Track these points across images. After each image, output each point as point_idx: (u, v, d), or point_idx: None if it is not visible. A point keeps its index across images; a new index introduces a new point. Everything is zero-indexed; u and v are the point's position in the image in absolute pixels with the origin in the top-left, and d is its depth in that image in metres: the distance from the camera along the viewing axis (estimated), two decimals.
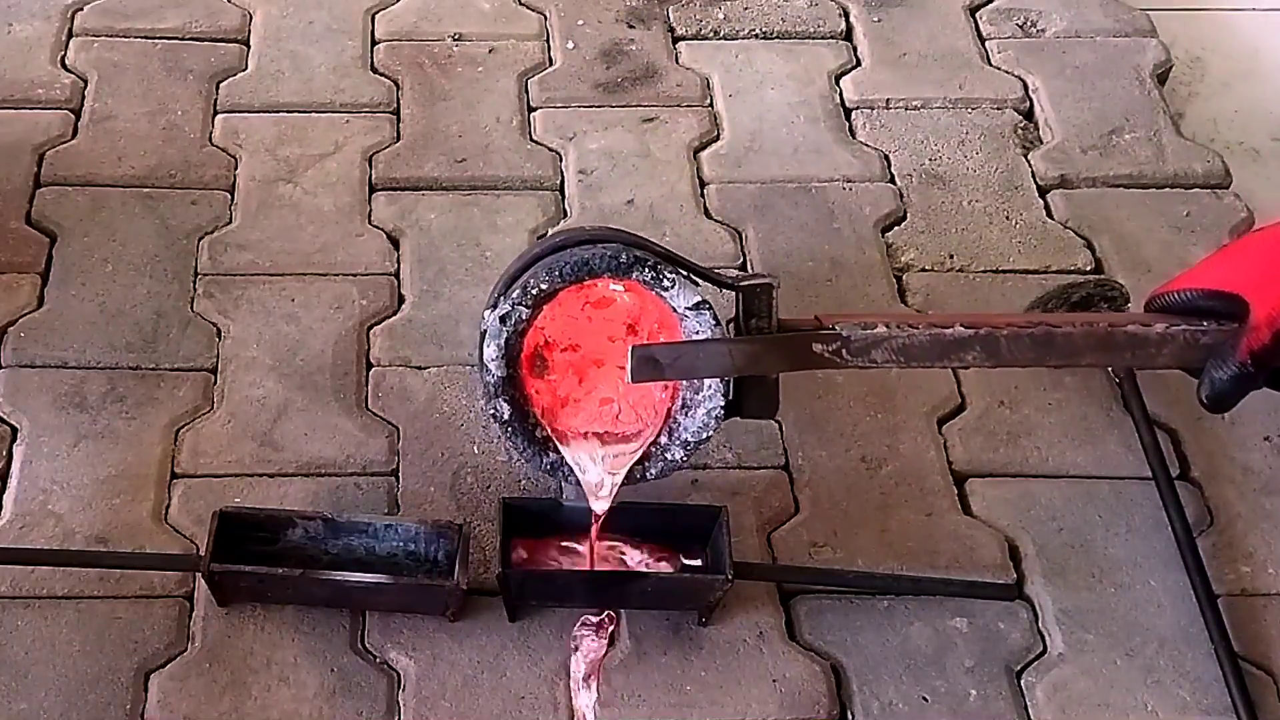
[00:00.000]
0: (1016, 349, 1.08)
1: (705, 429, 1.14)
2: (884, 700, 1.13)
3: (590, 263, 1.08)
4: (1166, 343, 1.07)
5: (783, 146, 1.56)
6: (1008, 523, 1.24)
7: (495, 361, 1.11)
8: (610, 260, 1.08)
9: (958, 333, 1.08)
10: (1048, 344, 1.08)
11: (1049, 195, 1.52)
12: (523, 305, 1.09)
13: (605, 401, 1.14)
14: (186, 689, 1.11)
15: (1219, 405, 1.07)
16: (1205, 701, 1.13)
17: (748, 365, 1.09)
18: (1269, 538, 1.23)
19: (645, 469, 1.16)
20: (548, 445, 1.15)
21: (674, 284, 1.09)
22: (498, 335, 1.10)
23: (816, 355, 1.08)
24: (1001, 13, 1.73)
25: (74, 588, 1.16)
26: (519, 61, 1.65)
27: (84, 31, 1.65)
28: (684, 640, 1.15)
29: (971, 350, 1.08)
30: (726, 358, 1.08)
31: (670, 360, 1.06)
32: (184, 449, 1.26)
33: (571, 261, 1.08)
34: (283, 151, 1.53)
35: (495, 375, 1.11)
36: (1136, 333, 1.08)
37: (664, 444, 1.15)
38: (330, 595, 1.14)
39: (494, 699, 1.11)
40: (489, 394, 1.13)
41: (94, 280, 1.39)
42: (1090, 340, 1.08)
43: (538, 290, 1.09)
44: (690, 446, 1.15)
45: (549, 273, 1.09)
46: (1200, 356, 1.07)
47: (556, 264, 1.09)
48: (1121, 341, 1.08)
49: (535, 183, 1.51)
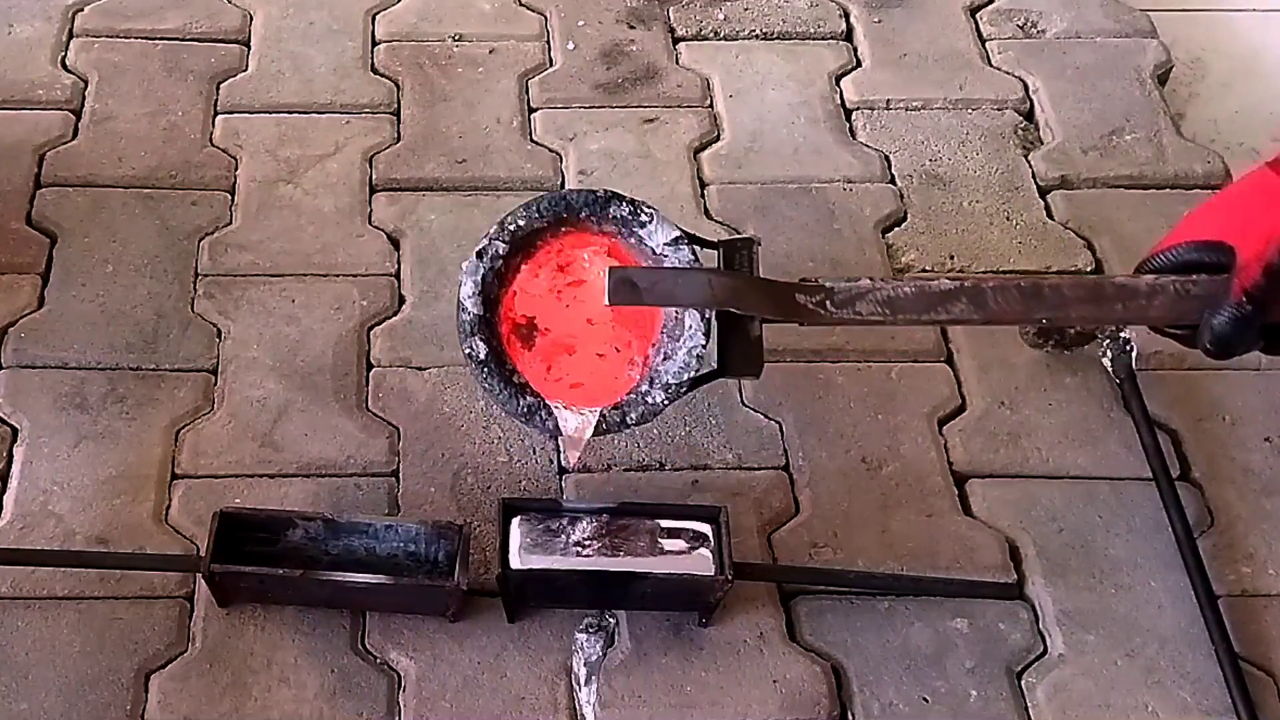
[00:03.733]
0: (1004, 300, 1.07)
1: (686, 369, 1.12)
2: (884, 701, 1.13)
3: (568, 198, 1.10)
4: (1157, 294, 1.06)
5: (783, 147, 1.56)
6: (1008, 523, 1.24)
7: (471, 299, 1.10)
8: (587, 195, 1.09)
9: (943, 285, 1.06)
10: (1036, 295, 1.06)
11: (1049, 196, 1.52)
12: (499, 240, 1.09)
13: (576, 386, 1.13)
14: (187, 689, 1.11)
15: (1223, 349, 1.06)
16: (1206, 702, 1.13)
17: (727, 299, 1.08)
18: (1269, 538, 1.23)
19: (625, 414, 1.14)
20: (525, 389, 1.13)
21: (651, 219, 1.10)
22: (474, 272, 1.10)
23: (800, 305, 1.07)
24: (1002, 13, 1.73)
25: (74, 588, 1.16)
26: (519, 62, 1.65)
27: (84, 32, 1.65)
28: (684, 641, 1.15)
29: (958, 302, 1.07)
30: (706, 287, 1.07)
31: (648, 285, 1.06)
32: (184, 449, 1.26)
33: (549, 199, 1.09)
34: (283, 152, 1.53)
35: (471, 313, 1.10)
36: (1125, 283, 1.06)
37: (645, 389, 1.14)
38: (330, 596, 1.14)
39: (494, 699, 1.11)
40: (464, 332, 1.11)
41: (94, 281, 1.39)
42: (1079, 291, 1.07)
43: (515, 226, 1.09)
44: (671, 389, 1.13)
45: (526, 209, 1.10)
46: (1193, 308, 1.06)
47: (534, 202, 1.11)
48: (1110, 292, 1.06)
49: (536, 183, 1.51)
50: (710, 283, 1.07)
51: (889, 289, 1.06)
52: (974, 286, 1.06)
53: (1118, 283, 1.07)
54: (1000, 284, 1.06)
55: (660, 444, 1.28)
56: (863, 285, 1.06)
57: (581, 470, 1.26)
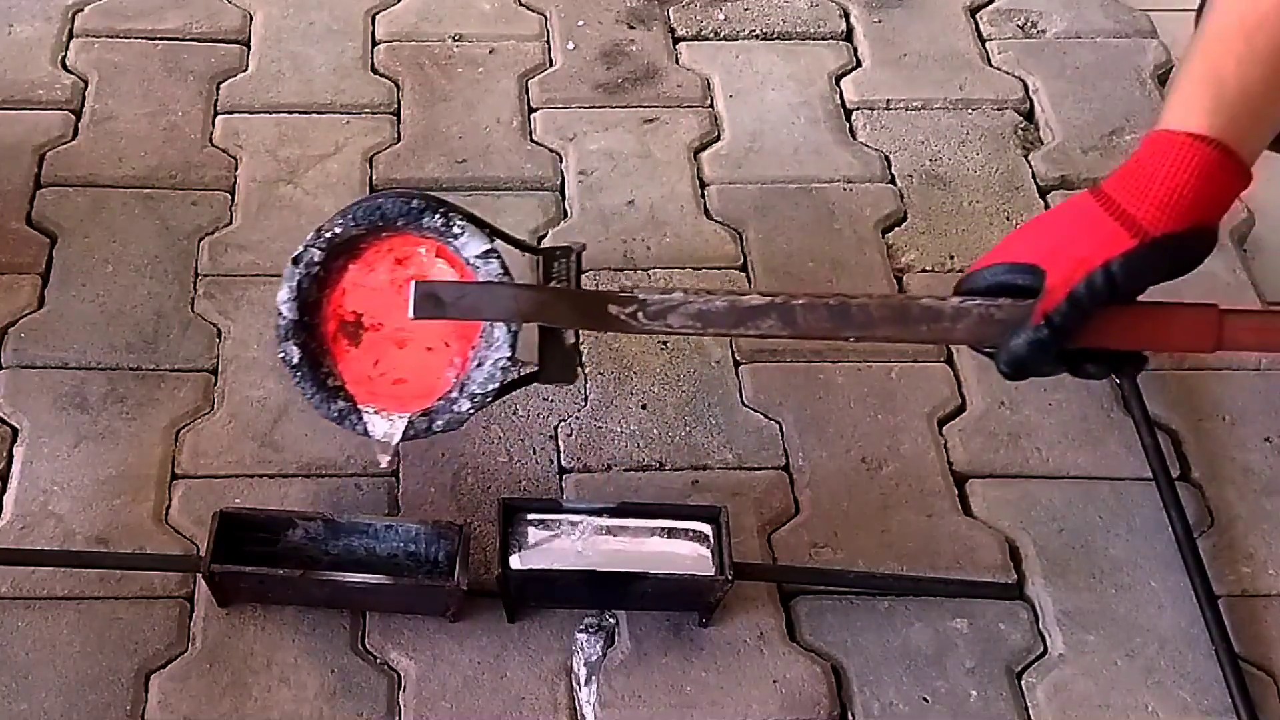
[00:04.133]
0: (812, 318, 1.08)
1: (492, 380, 1.14)
2: (884, 701, 1.13)
3: (383, 207, 1.10)
4: (961, 316, 1.07)
5: (783, 147, 1.56)
6: (1008, 523, 1.24)
7: (286, 304, 1.12)
8: (402, 204, 1.10)
9: (754, 300, 1.08)
10: (843, 314, 1.08)
11: (1049, 196, 1.52)
12: (315, 247, 1.10)
13: (399, 382, 1.13)
14: (187, 690, 1.11)
15: (1017, 371, 1.06)
16: (1206, 702, 1.13)
17: (533, 313, 1.09)
18: (1269, 539, 1.23)
19: (433, 420, 1.15)
20: (337, 393, 1.15)
21: (463, 231, 1.10)
22: (290, 278, 1.11)
23: (612, 316, 1.09)
24: (1002, 13, 1.73)
25: (74, 588, 1.16)
26: (519, 62, 1.65)
27: (84, 32, 1.65)
28: (684, 641, 1.15)
29: (768, 318, 1.08)
30: (511, 302, 1.08)
31: (453, 299, 1.06)
32: (184, 450, 1.26)
33: (365, 206, 1.10)
34: (283, 152, 1.53)
35: (286, 318, 1.12)
36: (931, 305, 1.08)
37: (454, 397, 1.15)
38: (331, 596, 1.14)
39: (494, 699, 1.11)
40: (278, 337, 1.13)
41: (94, 281, 1.39)
42: (885, 312, 1.08)
43: (331, 233, 1.10)
44: (477, 399, 1.14)
45: (343, 217, 1.11)
46: (996, 331, 1.07)
47: (351, 209, 1.11)
48: (916, 314, 1.08)
49: (536, 183, 1.51)
50: (515, 298, 1.09)
51: (700, 303, 1.09)
52: (784, 304, 1.08)
53: (924, 304, 1.08)
54: (809, 302, 1.08)
55: (660, 444, 1.28)
56: (674, 298, 1.09)
57: (582, 470, 1.26)
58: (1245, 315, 1.09)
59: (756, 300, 1.08)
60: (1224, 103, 1.00)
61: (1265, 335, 1.10)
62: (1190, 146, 1.00)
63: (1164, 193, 1.00)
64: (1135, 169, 1.02)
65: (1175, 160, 1.00)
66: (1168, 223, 1.00)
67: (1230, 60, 1.01)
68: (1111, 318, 1.03)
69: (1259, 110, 1.02)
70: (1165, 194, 1.00)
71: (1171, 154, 1.01)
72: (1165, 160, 1.01)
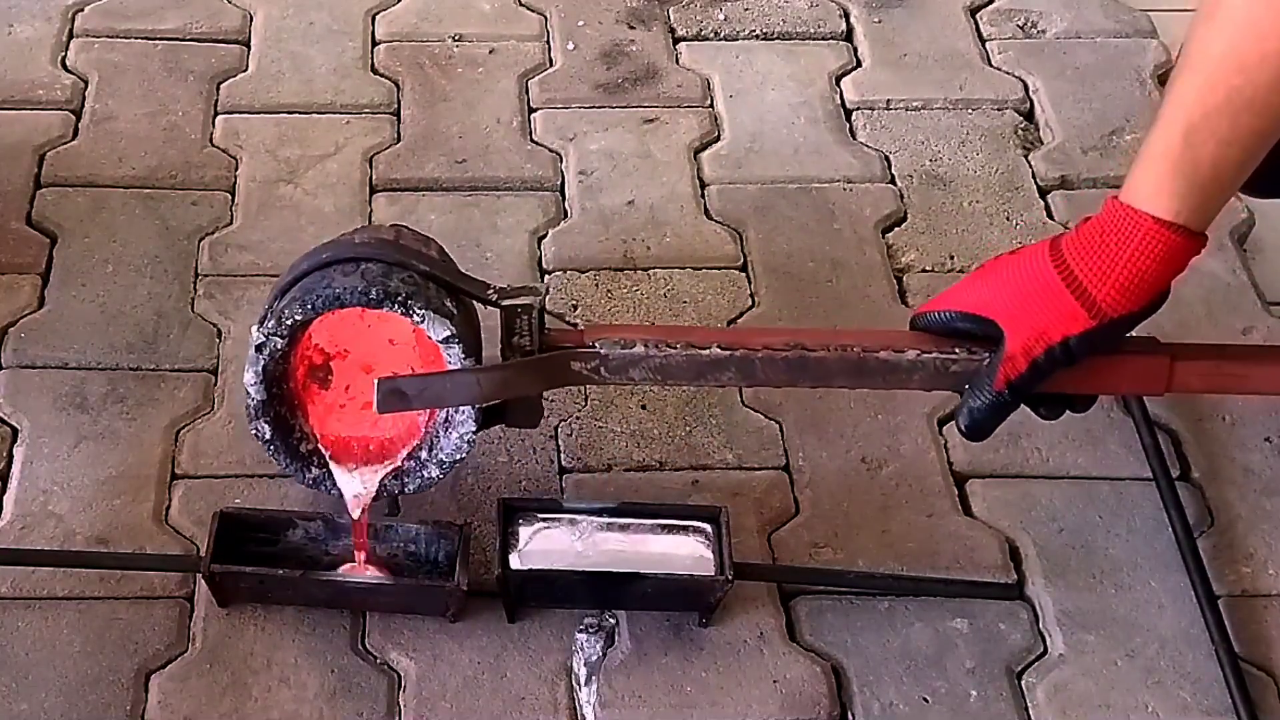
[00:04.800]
0: (771, 371, 1.12)
1: (459, 450, 1.15)
2: (884, 701, 1.12)
3: (341, 297, 1.10)
4: (917, 369, 1.11)
5: (783, 147, 1.56)
6: (1008, 524, 1.24)
7: (255, 386, 1.13)
8: (360, 295, 1.10)
9: (714, 354, 1.11)
10: (801, 367, 1.12)
11: (1049, 196, 1.52)
12: (277, 336, 1.11)
13: (367, 406, 1.13)
14: (187, 690, 1.11)
15: (977, 434, 1.12)
16: (1206, 702, 1.12)
17: (498, 391, 1.12)
18: (1269, 539, 1.23)
19: (405, 483, 1.17)
20: (311, 460, 1.16)
21: (423, 319, 1.10)
22: (255, 363, 1.12)
23: (575, 372, 1.12)
24: (1002, 13, 1.73)
25: (74, 589, 1.16)
26: (519, 62, 1.65)
27: (84, 32, 1.65)
28: (684, 641, 1.15)
29: (727, 371, 1.12)
30: (475, 387, 1.10)
31: (417, 392, 1.09)
32: (184, 450, 1.26)
33: (324, 295, 1.10)
34: (283, 152, 1.53)
35: (254, 399, 1.13)
36: (888, 359, 1.12)
37: (424, 459, 1.17)
38: (331, 596, 1.14)
39: (494, 700, 1.11)
40: (249, 415, 1.14)
41: (94, 281, 1.39)
42: (843, 365, 1.12)
43: (292, 321, 1.11)
44: (446, 466, 1.16)
45: (302, 306, 1.10)
46: (950, 382, 1.12)
47: (310, 296, 1.10)
48: (873, 366, 1.12)
49: (536, 183, 1.51)
50: (479, 382, 1.11)
51: (660, 358, 1.11)
52: (743, 358, 1.11)
53: (880, 358, 1.11)
54: (767, 356, 1.11)
55: (660, 444, 1.28)
56: (635, 353, 1.11)
57: (582, 470, 1.26)
58: (1195, 361, 1.13)
59: (717, 354, 1.11)
60: (1196, 186, 1.00)
61: (1213, 381, 1.15)
62: (1156, 233, 1.01)
63: (1125, 277, 1.02)
64: (1098, 244, 1.03)
65: (1140, 245, 1.01)
66: (1126, 305, 1.03)
67: (1211, 143, 0.99)
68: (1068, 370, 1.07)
69: (1229, 189, 1.02)
70: (1127, 279, 1.02)
71: (1136, 238, 1.01)
72: (1129, 243, 1.01)
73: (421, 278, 1.13)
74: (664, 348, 1.11)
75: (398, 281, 1.11)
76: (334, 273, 1.12)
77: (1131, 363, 1.11)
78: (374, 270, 1.12)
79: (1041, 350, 1.05)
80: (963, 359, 1.10)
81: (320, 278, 1.12)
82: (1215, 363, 1.15)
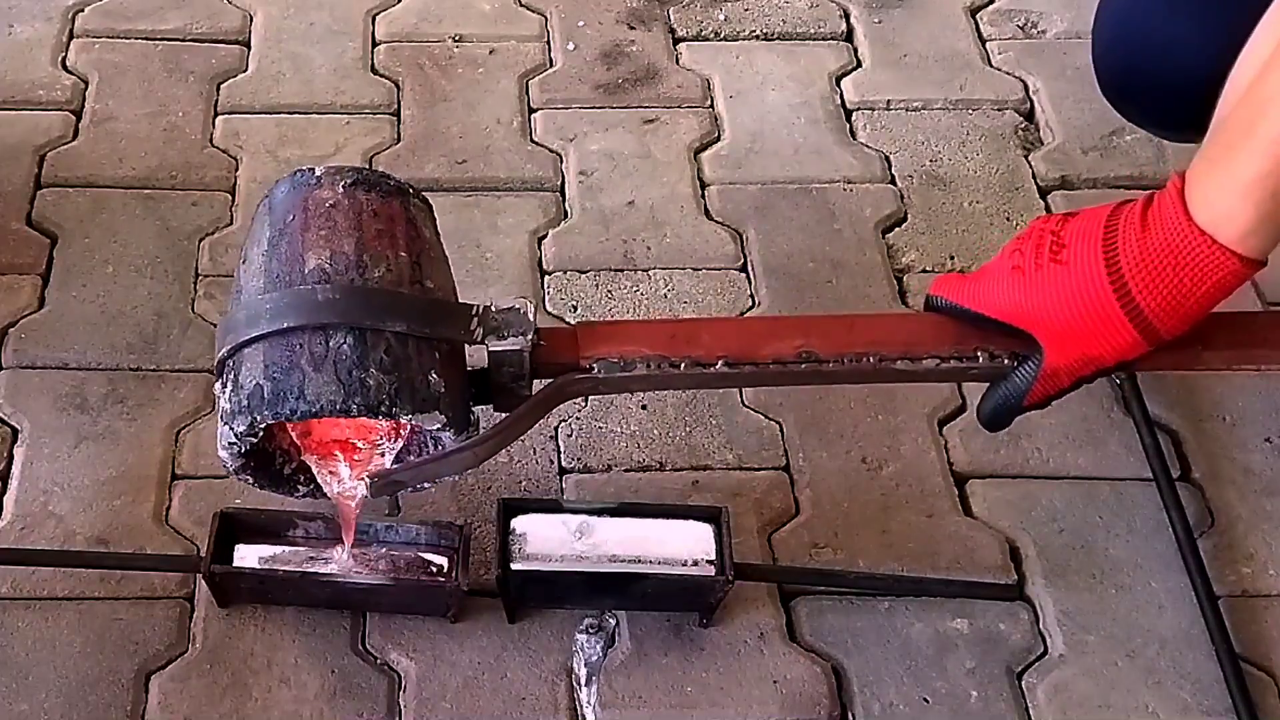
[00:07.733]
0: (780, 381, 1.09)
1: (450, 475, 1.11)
2: (885, 701, 1.13)
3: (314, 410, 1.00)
4: (934, 375, 1.08)
5: (783, 148, 1.56)
6: (1008, 524, 1.24)
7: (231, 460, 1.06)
8: (340, 410, 1.00)
9: (719, 371, 1.06)
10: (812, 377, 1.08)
11: (1050, 196, 1.52)
12: (250, 436, 1.04)
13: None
14: (187, 690, 1.11)
15: (998, 429, 1.10)
16: (1206, 703, 1.12)
17: (494, 452, 1.09)
18: (1270, 539, 1.23)
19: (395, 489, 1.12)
20: (297, 479, 1.11)
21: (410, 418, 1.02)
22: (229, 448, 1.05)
23: (573, 393, 1.09)
24: (1002, 14, 1.73)
25: (75, 589, 1.16)
26: (519, 63, 1.65)
27: (85, 33, 1.65)
28: (685, 641, 1.15)
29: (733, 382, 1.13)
30: (471, 458, 1.06)
31: (412, 476, 1.07)
32: (185, 450, 1.26)
33: (299, 410, 1.00)
34: (283, 153, 1.53)
35: (233, 465, 1.07)
36: (904, 370, 1.07)
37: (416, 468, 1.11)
38: (331, 596, 1.14)
39: (494, 700, 1.11)
40: (231, 472, 1.08)
41: (95, 281, 1.39)
42: (857, 375, 1.08)
43: (265, 425, 1.03)
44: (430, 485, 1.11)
45: (275, 414, 1.01)
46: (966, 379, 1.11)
47: (283, 406, 1.01)
48: (889, 376, 1.08)
49: (536, 184, 1.51)
50: (475, 454, 1.06)
51: (660, 378, 1.07)
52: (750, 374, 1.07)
53: (897, 369, 1.07)
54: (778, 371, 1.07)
55: (660, 444, 1.28)
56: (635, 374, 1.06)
57: (582, 470, 1.26)
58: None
59: (723, 370, 1.06)
60: (1273, 223, 0.95)
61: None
62: (1239, 273, 0.95)
63: (1196, 312, 0.98)
64: (1171, 277, 0.97)
65: (1219, 283, 0.96)
66: (1185, 329, 0.99)
67: None
68: None
69: None
70: (1197, 313, 0.98)
71: (1216, 276, 0.96)
72: (1206, 279, 0.96)
73: (398, 343, 1.02)
74: (665, 367, 1.06)
75: (376, 374, 1.00)
76: (301, 358, 1.01)
77: None
78: (346, 354, 1.01)
79: (1091, 371, 1.02)
80: (984, 366, 1.06)
81: (288, 366, 1.01)
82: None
